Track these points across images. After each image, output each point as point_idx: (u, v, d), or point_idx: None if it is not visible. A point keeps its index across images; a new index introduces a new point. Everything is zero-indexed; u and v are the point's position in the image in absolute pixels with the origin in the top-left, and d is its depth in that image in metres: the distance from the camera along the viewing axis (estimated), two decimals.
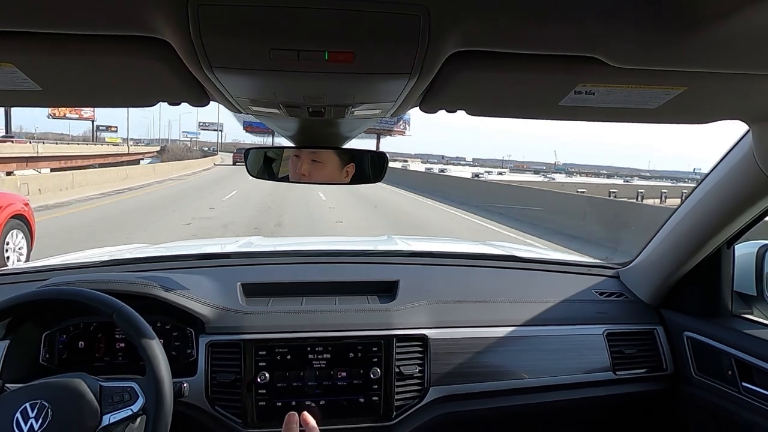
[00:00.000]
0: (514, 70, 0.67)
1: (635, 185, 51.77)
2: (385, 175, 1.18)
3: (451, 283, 1.59)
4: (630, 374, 1.48)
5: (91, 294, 1.07)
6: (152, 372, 1.00)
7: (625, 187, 47.47)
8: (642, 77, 0.67)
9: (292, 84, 0.71)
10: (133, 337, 1.03)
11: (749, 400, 1.26)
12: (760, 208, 1.20)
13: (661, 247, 1.51)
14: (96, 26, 0.55)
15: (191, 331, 1.31)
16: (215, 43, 0.55)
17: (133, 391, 0.99)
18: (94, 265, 1.61)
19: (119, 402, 0.97)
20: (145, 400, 0.99)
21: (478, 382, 1.37)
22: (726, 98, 0.80)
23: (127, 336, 1.07)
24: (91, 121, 67.14)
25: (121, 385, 1.00)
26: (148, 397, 0.99)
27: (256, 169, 1.21)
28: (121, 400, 0.98)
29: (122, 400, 0.98)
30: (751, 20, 0.52)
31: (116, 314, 1.04)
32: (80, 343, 1.29)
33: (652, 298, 1.59)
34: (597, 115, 0.86)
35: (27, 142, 38.17)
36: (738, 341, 1.31)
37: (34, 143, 34.93)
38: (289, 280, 1.53)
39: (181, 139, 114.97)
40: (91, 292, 1.08)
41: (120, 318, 1.04)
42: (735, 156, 1.16)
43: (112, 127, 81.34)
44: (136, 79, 0.72)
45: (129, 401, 0.98)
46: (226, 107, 0.88)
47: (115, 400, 0.97)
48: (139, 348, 1.02)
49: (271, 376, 1.27)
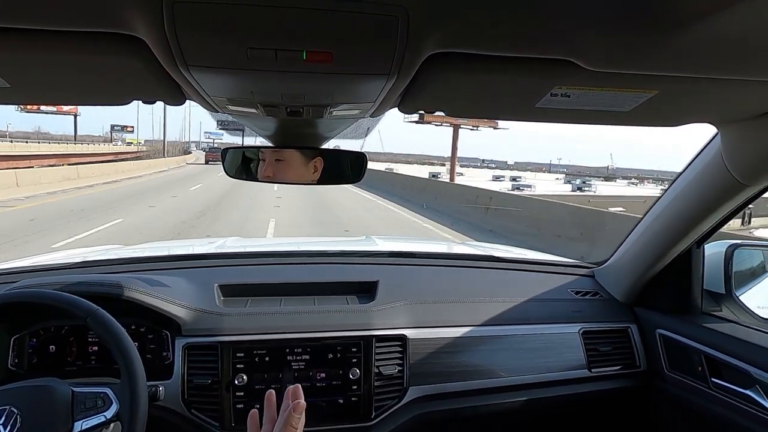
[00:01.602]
0: (491, 72, 0.68)
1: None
2: (365, 175, 1.18)
3: (431, 283, 1.60)
4: (605, 371, 1.51)
5: (64, 297, 1.04)
6: (127, 378, 0.97)
7: None
8: (615, 81, 0.69)
9: (269, 83, 0.70)
10: (108, 342, 1.00)
11: (718, 395, 1.30)
12: (728, 209, 1.24)
13: (634, 246, 1.55)
14: (68, 22, 0.54)
15: (167, 334, 1.29)
16: (191, 41, 0.54)
17: (106, 396, 0.96)
18: (66, 267, 1.57)
19: (92, 408, 0.95)
20: (119, 406, 0.96)
21: (456, 382, 1.38)
22: (695, 102, 0.82)
23: (101, 340, 1.04)
24: (74, 116, 64.24)
25: (94, 391, 0.97)
26: (122, 403, 0.96)
27: (233, 168, 1.20)
28: (94, 406, 0.95)
29: (95, 406, 0.95)
30: (720, 26, 0.53)
31: (90, 318, 1.01)
32: (51, 347, 1.25)
33: (626, 297, 1.62)
34: (572, 117, 0.88)
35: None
36: (707, 338, 1.35)
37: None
38: (267, 281, 1.52)
39: (203, 141, 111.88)
40: (64, 294, 1.05)
41: (94, 322, 1.01)
42: (704, 158, 1.19)
43: (128, 127, 78.04)
44: (109, 76, 0.71)
45: (102, 407, 0.95)
46: (203, 106, 0.87)
47: (87, 406, 0.94)
48: (113, 352, 1.00)
49: (249, 378, 1.26)
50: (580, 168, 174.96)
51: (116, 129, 77.68)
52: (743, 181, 1.10)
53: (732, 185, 1.13)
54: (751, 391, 1.21)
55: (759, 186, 1.12)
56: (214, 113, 0.99)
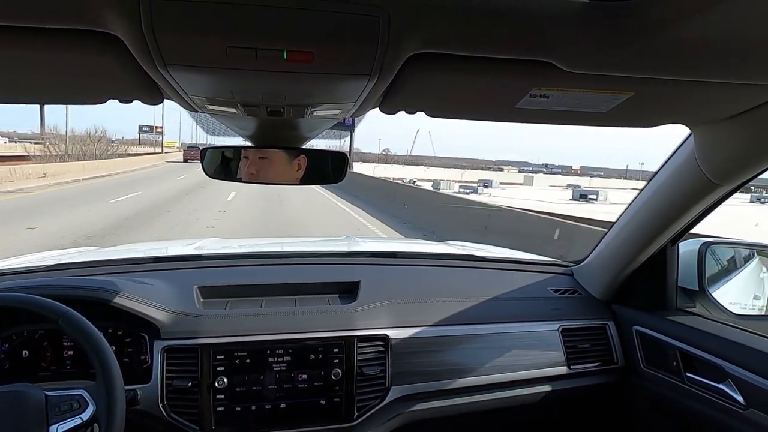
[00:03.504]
0: (471, 73, 0.68)
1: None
2: (346, 176, 1.18)
3: (412, 283, 1.60)
4: (583, 368, 1.53)
5: (34, 299, 1.01)
6: (102, 377, 0.95)
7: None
8: (592, 82, 0.70)
9: (249, 83, 0.69)
10: (81, 343, 0.98)
11: (692, 389, 1.33)
12: (701, 207, 1.27)
13: (611, 245, 1.58)
14: (43, 19, 0.53)
15: (145, 337, 1.27)
16: (169, 39, 0.53)
17: (82, 398, 0.94)
18: (39, 270, 1.53)
19: (67, 411, 0.92)
20: (95, 407, 0.94)
21: (438, 381, 1.39)
22: (670, 103, 0.84)
23: (75, 342, 1.01)
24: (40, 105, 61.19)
25: (68, 393, 0.94)
26: (99, 404, 0.94)
27: (212, 168, 1.18)
28: (70, 408, 0.92)
29: (71, 408, 0.92)
30: (693, 30, 0.55)
31: (62, 320, 0.98)
32: (24, 352, 1.22)
33: (604, 294, 1.65)
34: (551, 118, 0.89)
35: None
36: (682, 334, 1.38)
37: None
38: (247, 282, 1.50)
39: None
40: (34, 297, 1.02)
41: (66, 323, 0.98)
42: (678, 158, 1.22)
43: (158, 127, 71.27)
44: (85, 75, 0.69)
45: (78, 410, 0.93)
46: (182, 105, 0.86)
47: (62, 409, 0.92)
48: (88, 353, 0.98)
49: (230, 380, 1.25)
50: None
51: (144, 130, 72.67)
52: (715, 181, 1.13)
53: (705, 185, 1.16)
54: (723, 385, 1.24)
55: (730, 185, 1.15)
56: (193, 113, 0.98)
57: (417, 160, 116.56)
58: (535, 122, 0.92)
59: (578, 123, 0.92)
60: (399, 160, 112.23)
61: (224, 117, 0.99)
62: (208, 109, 0.88)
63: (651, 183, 1.36)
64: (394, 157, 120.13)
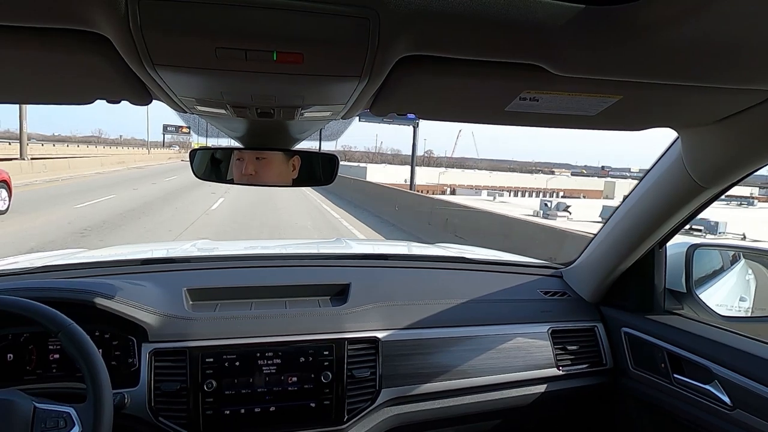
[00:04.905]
0: (462, 75, 0.69)
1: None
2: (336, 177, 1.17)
3: (402, 285, 1.60)
4: (573, 370, 1.54)
5: (35, 306, 0.99)
6: (93, 401, 0.94)
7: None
8: (582, 85, 0.70)
9: (239, 84, 0.69)
10: (78, 360, 0.96)
11: (680, 390, 1.34)
12: (689, 210, 1.28)
13: (600, 247, 1.59)
14: (30, 18, 0.52)
15: (133, 340, 1.25)
16: (158, 40, 0.53)
17: (69, 417, 0.92)
18: (27, 272, 1.51)
19: (53, 428, 0.91)
20: (81, 429, 0.92)
21: (429, 383, 1.39)
22: (657, 107, 0.85)
23: (70, 356, 0.99)
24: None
25: (57, 410, 0.93)
26: (85, 425, 0.92)
27: (202, 170, 1.18)
28: (56, 426, 0.91)
29: (56, 426, 0.91)
30: (682, 35, 0.56)
31: (63, 333, 0.97)
32: (9, 355, 1.20)
33: (593, 296, 1.66)
34: (541, 121, 0.90)
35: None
36: (670, 336, 1.40)
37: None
38: (237, 284, 1.49)
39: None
40: (34, 303, 1.00)
41: (66, 338, 0.97)
42: (666, 161, 1.23)
43: (184, 128, 63.65)
44: (72, 75, 0.68)
45: (63, 428, 0.91)
46: (170, 106, 0.85)
47: (48, 425, 0.91)
48: (83, 372, 0.96)
49: (219, 383, 1.24)
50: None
51: (170, 130, 69.71)
52: (702, 184, 1.15)
53: (692, 187, 1.17)
54: (710, 386, 1.26)
55: (717, 188, 1.17)
56: (182, 113, 0.97)
57: (460, 163, 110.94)
58: (525, 125, 0.93)
59: (568, 126, 0.93)
60: (441, 162, 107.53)
61: (214, 118, 0.98)
62: (198, 110, 0.88)
63: (639, 186, 1.37)
64: (437, 159, 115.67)
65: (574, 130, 1.00)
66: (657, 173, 1.28)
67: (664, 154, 1.24)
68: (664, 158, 1.25)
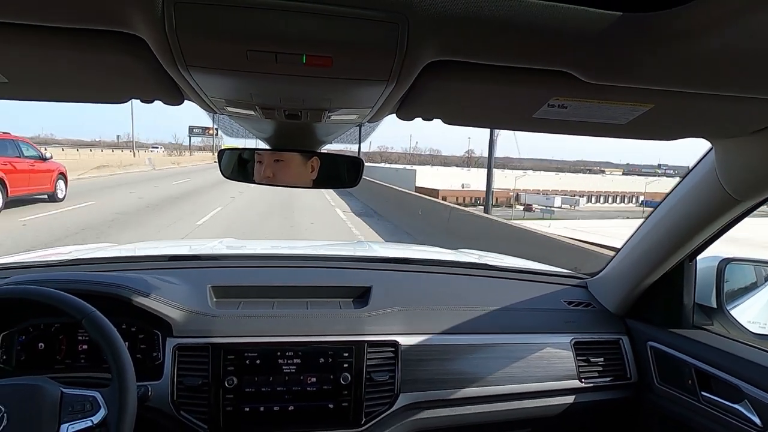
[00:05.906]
0: (489, 81, 0.68)
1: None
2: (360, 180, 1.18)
3: (424, 290, 1.59)
4: (595, 383, 1.51)
5: (60, 296, 1.03)
6: (117, 384, 0.96)
7: None
8: (612, 93, 0.69)
9: (268, 86, 0.70)
10: (102, 345, 0.99)
11: (708, 408, 1.30)
12: (721, 223, 1.24)
13: (627, 258, 1.55)
14: (68, 19, 0.54)
15: (158, 334, 1.28)
16: (191, 42, 0.54)
17: (95, 401, 0.95)
18: (57, 264, 1.56)
19: (79, 412, 0.93)
20: (107, 412, 0.95)
21: (447, 389, 1.38)
22: (690, 117, 0.83)
23: (95, 343, 1.03)
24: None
25: (83, 394, 0.96)
26: (111, 410, 0.95)
27: (229, 170, 1.20)
28: (82, 409, 0.94)
29: (83, 409, 0.94)
30: (716, 43, 0.54)
31: (86, 320, 1.00)
32: (40, 344, 1.24)
33: (618, 308, 1.63)
34: (569, 129, 0.88)
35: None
36: (698, 352, 1.36)
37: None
38: (260, 283, 1.51)
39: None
40: (60, 293, 1.03)
41: (90, 324, 1.00)
42: (699, 172, 1.20)
43: (209, 129, 58.74)
44: (108, 75, 0.70)
45: (90, 412, 0.94)
46: (201, 107, 0.87)
47: (75, 409, 0.93)
48: (106, 357, 0.99)
49: (240, 380, 1.25)
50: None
51: (196, 132, 66.20)
52: (736, 197, 1.11)
53: (725, 200, 1.14)
54: (740, 405, 1.21)
55: (752, 201, 1.13)
56: (210, 113, 0.99)
57: (503, 163, 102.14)
58: (553, 132, 0.91)
59: (596, 134, 0.91)
60: (482, 162, 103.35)
61: (242, 119, 1.00)
62: (227, 110, 0.89)
63: (670, 197, 1.34)
64: (477, 159, 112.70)
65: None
66: (689, 184, 1.25)
67: (697, 165, 1.21)
68: (696, 169, 1.22)
